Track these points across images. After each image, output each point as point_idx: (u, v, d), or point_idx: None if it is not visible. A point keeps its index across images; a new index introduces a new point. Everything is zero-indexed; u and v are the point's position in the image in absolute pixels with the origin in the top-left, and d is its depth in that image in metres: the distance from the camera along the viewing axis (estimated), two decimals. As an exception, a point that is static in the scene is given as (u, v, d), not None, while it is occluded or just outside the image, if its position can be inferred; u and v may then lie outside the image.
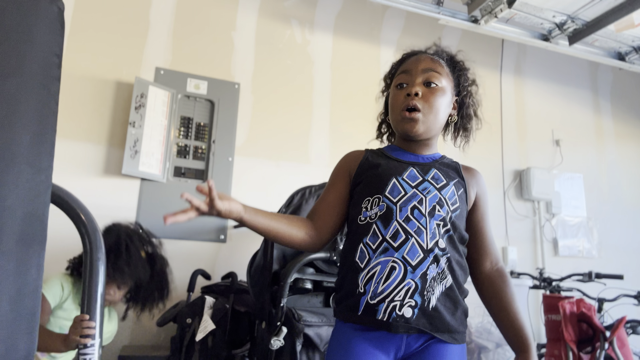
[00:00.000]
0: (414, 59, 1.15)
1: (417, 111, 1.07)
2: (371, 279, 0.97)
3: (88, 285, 1.09)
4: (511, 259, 3.10)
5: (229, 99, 2.66)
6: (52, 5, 0.64)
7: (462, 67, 1.20)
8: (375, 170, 1.09)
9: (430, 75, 1.10)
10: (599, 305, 2.38)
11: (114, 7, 2.56)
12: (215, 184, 2.57)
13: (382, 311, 0.94)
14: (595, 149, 3.67)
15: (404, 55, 1.22)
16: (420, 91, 1.08)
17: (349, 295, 1.00)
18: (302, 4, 3.00)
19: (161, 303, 1.85)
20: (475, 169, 1.18)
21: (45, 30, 0.63)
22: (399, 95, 1.11)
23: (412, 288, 0.95)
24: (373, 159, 1.13)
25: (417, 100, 1.07)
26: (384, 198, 1.03)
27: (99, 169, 2.34)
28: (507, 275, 1.10)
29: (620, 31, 2.68)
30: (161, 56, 2.60)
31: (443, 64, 1.15)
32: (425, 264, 0.97)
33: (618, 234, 3.52)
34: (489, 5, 2.45)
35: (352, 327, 0.99)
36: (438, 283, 0.97)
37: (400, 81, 1.13)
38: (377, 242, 1.00)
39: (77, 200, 1.09)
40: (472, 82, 1.22)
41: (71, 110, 2.36)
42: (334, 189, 1.14)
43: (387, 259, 0.97)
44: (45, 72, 0.64)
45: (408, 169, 1.07)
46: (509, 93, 3.47)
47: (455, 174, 1.12)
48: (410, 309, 0.94)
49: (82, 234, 1.09)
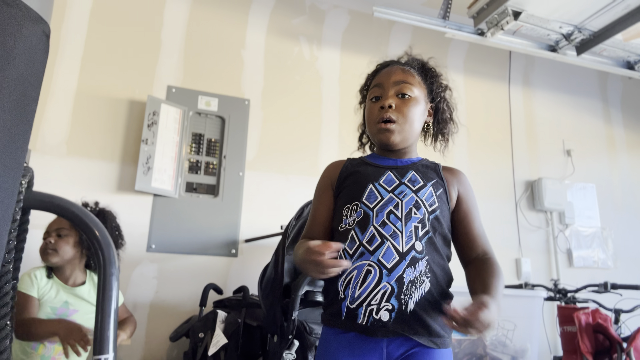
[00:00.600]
0: (386, 71, 1.18)
1: (392, 122, 1.09)
2: (349, 284, 0.99)
3: (102, 301, 1.11)
4: (525, 270, 3.06)
5: (239, 115, 2.70)
6: (35, 27, 0.65)
7: (434, 74, 1.22)
8: (354, 177, 1.11)
9: (402, 87, 1.12)
10: (615, 316, 2.34)
11: (126, 28, 2.63)
12: (226, 199, 2.60)
13: (362, 315, 0.96)
14: (607, 159, 3.63)
15: (377, 66, 1.25)
16: (394, 103, 1.10)
17: (332, 301, 1.02)
18: (309, 21, 3.05)
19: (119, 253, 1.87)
20: (456, 168, 1.18)
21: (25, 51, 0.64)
22: (373, 108, 1.14)
23: (388, 291, 0.95)
24: (352, 167, 1.15)
25: (391, 112, 1.10)
26: (361, 204, 1.04)
27: (113, 185, 2.39)
28: (495, 262, 1.06)
29: (629, 40, 2.67)
30: (173, 75, 2.65)
31: (414, 73, 1.17)
32: (401, 267, 0.97)
33: (633, 243, 3.47)
34: (495, 18, 2.47)
35: (336, 332, 1.01)
36: (417, 287, 0.97)
37: (374, 94, 1.16)
38: (354, 248, 1.01)
39: (90, 216, 1.11)
40: (445, 88, 1.24)
41: (86, 129, 2.41)
42: (322, 206, 1.15)
43: (362, 263, 0.99)
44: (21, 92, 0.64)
45: (385, 174, 1.09)
46: (518, 104, 3.47)
47: (434, 175, 1.12)
48: (387, 313, 0.95)
49: (95, 249, 1.11)
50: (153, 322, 2.30)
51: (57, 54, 2.45)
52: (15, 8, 0.62)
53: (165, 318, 2.31)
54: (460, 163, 3.17)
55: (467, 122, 3.28)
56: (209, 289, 2.16)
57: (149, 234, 2.38)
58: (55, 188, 1.83)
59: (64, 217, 1.15)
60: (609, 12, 2.44)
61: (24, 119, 0.64)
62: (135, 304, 2.28)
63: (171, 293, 2.36)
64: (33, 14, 0.64)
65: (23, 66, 0.63)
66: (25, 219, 0.83)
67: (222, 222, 2.52)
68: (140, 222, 2.38)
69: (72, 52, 2.49)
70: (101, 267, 1.11)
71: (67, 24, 2.51)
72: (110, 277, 1.12)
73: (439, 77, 1.23)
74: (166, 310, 2.33)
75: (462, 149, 3.20)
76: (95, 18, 2.57)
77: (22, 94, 0.63)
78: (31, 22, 0.64)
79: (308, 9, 3.07)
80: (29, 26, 0.63)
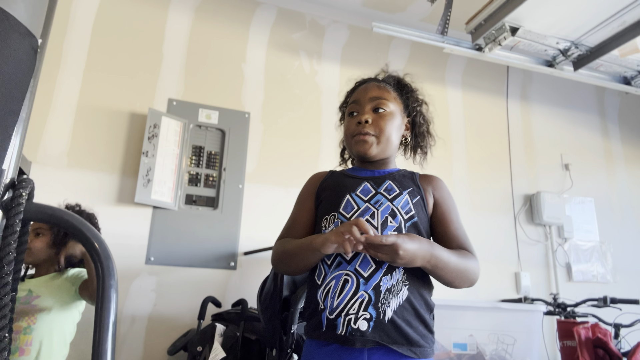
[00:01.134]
0: (363, 88, 1.23)
1: (368, 135, 1.13)
2: (328, 294, 1.00)
3: (100, 313, 1.11)
4: (524, 284, 3.05)
5: (240, 127, 2.72)
6: (23, 41, 0.66)
7: (409, 89, 1.26)
8: (333, 189, 1.14)
9: (378, 102, 1.17)
10: (615, 331, 2.33)
11: (128, 42, 2.66)
12: (226, 211, 2.61)
13: (341, 325, 0.96)
14: (606, 173, 3.65)
15: (355, 84, 1.30)
16: (370, 118, 1.14)
17: (313, 313, 1.03)
18: (309, 36, 3.09)
19: None
20: (433, 175, 1.21)
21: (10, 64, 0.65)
22: (350, 124, 1.19)
23: (365, 300, 0.96)
24: (332, 179, 1.19)
25: (367, 127, 1.14)
26: (338, 215, 1.07)
27: (113, 197, 2.39)
28: (469, 253, 1.09)
29: (625, 56, 2.70)
30: (174, 88, 2.68)
31: (390, 89, 1.21)
32: (377, 276, 0.98)
33: (633, 258, 3.46)
34: (493, 34, 2.50)
35: (318, 344, 1.01)
36: (394, 295, 0.98)
37: (352, 110, 1.20)
38: (332, 257, 1.03)
39: (90, 228, 1.12)
40: (421, 102, 1.27)
41: (86, 141, 2.43)
42: (304, 210, 1.18)
43: (340, 272, 1.00)
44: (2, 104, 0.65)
45: (362, 184, 1.12)
46: (516, 118, 3.50)
47: (411, 183, 1.14)
48: (366, 322, 0.95)
49: (94, 261, 1.11)
50: (151, 336, 2.28)
51: (59, 66, 2.48)
52: (5, 22, 0.63)
53: (163, 331, 2.30)
54: (459, 177, 3.18)
55: (465, 136, 3.30)
56: (207, 302, 2.15)
57: (148, 247, 2.38)
58: (56, 199, 1.84)
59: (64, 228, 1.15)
60: (605, 29, 2.47)
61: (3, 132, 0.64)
62: (133, 316, 2.27)
63: (169, 306, 2.35)
64: (22, 28, 0.65)
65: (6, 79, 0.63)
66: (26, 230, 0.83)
67: (221, 234, 2.52)
68: (139, 234, 2.38)
69: (74, 65, 2.51)
70: (100, 279, 1.11)
71: (69, 37, 2.54)
72: (109, 289, 1.12)
73: (415, 92, 1.27)
74: (164, 323, 2.32)
75: (460, 163, 3.21)
76: (97, 32, 2.61)
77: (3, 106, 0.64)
78: (19, 36, 0.65)
79: (308, 24, 3.11)
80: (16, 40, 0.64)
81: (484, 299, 2.95)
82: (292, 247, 1.08)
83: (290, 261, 1.09)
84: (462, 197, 3.13)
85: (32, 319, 1.57)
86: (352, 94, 1.27)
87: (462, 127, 3.31)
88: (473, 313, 2.39)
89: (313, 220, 1.16)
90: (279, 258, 1.13)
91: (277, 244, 1.16)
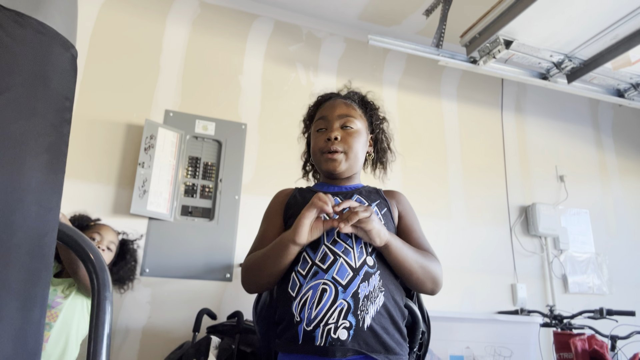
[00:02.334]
0: (330, 104, 1.26)
1: (338, 153, 1.17)
2: (304, 305, 0.99)
3: (95, 325, 1.10)
4: (521, 296, 3.05)
5: (236, 139, 2.73)
6: (66, 52, 0.68)
7: (372, 107, 1.32)
8: (299, 205, 1.14)
9: (346, 120, 1.21)
10: (612, 343, 2.33)
11: (126, 54, 2.67)
12: (222, 222, 2.60)
13: (319, 336, 0.95)
14: (600, 185, 3.67)
15: (319, 98, 1.34)
16: (339, 135, 1.18)
17: (287, 326, 1.01)
18: (306, 48, 3.11)
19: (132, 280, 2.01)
20: (396, 190, 1.26)
21: (58, 75, 0.67)
22: (319, 140, 1.22)
23: (344, 308, 0.96)
24: (301, 196, 1.21)
25: (336, 144, 1.17)
26: None
27: (108, 208, 2.38)
28: (431, 254, 1.12)
29: (618, 69, 2.74)
30: (171, 99, 2.68)
31: (356, 107, 1.26)
32: (355, 283, 0.99)
33: (628, 269, 3.47)
34: (487, 47, 2.53)
35: (294, 358, 0.99)
36: (372, 302, 0.98)
37: (320, 126, 1.24)
38: (307, 268, 1.03)
39: (85, 239, 1.11)
40: (383, 119, 1.34)
41: (83, 152, 2.43)
42: (272, 226, 1.19)
43: (317, 282, 1.00)
44: (57, 115, 0.68)
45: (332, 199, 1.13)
46: (510, 130, 3.52)
47: (377, 196, 1.19)
48: (346, 331, 0.95)
49: (89, 272, 1.10)
50: (145, 348, 2.26)
51: (57, 78, 2.48)
52: (47, 35, 0.65)
53: (158, 344, 2.27)
54: (454, 188, 3.19)
55: (461, 148, 3.31)
56: (202, 314, 2.14)
57: (143, 258, 2.36)
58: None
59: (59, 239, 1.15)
60: (598, 42, 2.50)
61: (62, 141, 0.67)
62: (127, 329, 2.25)
63: (164, 318, 2.33)
64: (62, 39, 0.67)
65: (57, 89, 0.66)
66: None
67: (217, 245, 2.51)
68: (134, 246, 2.37)
69: (72, 76, 2.52)
70: (95, 290, 1.11)
71: (67, 49, 2.55)
72: (104, 301, 1.11)
73: (377, 109, 1.33)
74: (159, 336, 2.30)
75: (456, 175, 3.23)
76: (95, 43, 2.62)
77: (59, 117, 0.67)
78: (61, 47, 0.67)
79: (305, 37, 3.14)
80: (59, 51, 0.66)
81: (480, 310, 2.94)
82: (261, 254, 1.08)
83: (260, 270, 1.07)
84: (458, 209, 3.14)
85: (53, 317, 1.61)
86: (317, 109, 1.30)
87: (457, 139, 3.33)
88: (469, 325, 2.38)
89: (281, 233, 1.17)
90: (247, 270, 1.11)
91: (244, 261, 1.16)
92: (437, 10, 2.91)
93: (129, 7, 2.75)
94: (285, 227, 1.17)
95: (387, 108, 1.39)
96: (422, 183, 3.11)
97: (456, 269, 2.95)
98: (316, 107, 1.33)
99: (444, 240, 3.01)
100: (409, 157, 3.11)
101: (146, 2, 2.80)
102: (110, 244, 1.85)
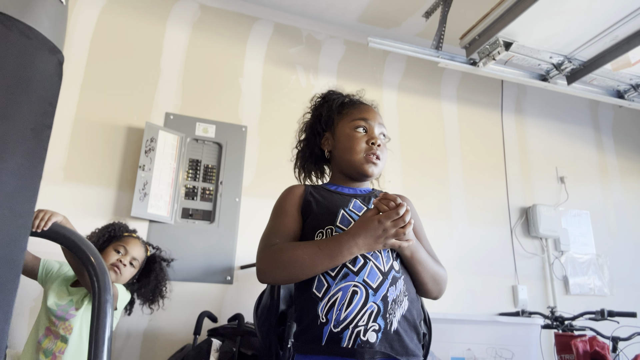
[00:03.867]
0: (369, 109, 1.28)
1: (379, 159, 1.21)
2: (333, 307, 0.98)
3: (96, 327, 1.09)
4: (522, 298, 3.04)
5: (237, 141, 2.73)
6: (52, 56, 0.68)
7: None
8: (321, 203, 1.14)
9: (384, 129, 1.26)
10: (613, 344, 2.33)
11: (126, 57, 2.67)
12: (222, 225, 2.59)
13: (347, 338, 0.95)
14: (601, 186, 3.67)
15: (355, 99, 1.34)
16: (381, 142, 1.22)
17: (309, 327, 1.00)
18: (306, 50, 3.12)
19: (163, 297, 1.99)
20: (402, 195, 1.26)
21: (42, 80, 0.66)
22: (360, 140, 1.21)
23: (374, 311, 0.97)
24: (318, 194, 1.19)
25: (378, 150, 1.21)
26: (336, 229, 1.08)
27: (109, 211, 2.38)
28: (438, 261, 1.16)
29: (617, 70, 2.74)
30: (171, 102, 2.69)
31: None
32: (385, 286, 1.00)
33: (629, 270, 3.47)
34: (487, 49, 2.53)
35: (315, 359, 0.98)
36: (398, 306, 1.00)
37: (360, 126, 1.23)
38: (337, 269, 1.02)
39: (86, 242, 1.11)
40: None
41: (83, 155, 2.43)
42: (291, 219, 1.15)
43: (348, 284, 1.00)
44: (38, 119, 0.66)
45: (352, 201, 1.15)
46: (511, 132, 3.52)
47: None
48: (375, 333, 0.96)
49: (90, 275, 1.10)
50: (146, 351, 2.26)
51: (57, 81, 2.48)
52: (34, 39, 0.65)
53: (158, 347, 2.27)
54: (455, 190, 3.19)
55: (461, 150, 3.32)
56: (203, 317, 2.14)
57: (143, 261, 2.36)
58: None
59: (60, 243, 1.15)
60: (597, 43, 2.50)
61: (41, 146, 0.66)
62: (128, 332, 2.25)
63: (165, 321, 2.33)
64: (49, 44, 0.67)
65: (40, 95, 0.65)
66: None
67: (218, 248, 2.51)
68: (135, 249, 2.37)
69: (72, 79, 2.52)
70: (96, 293, 1.10)
71: (67, 51, 2.55)
72: (105, 304, 1.11)
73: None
74: (160, 339, 2.29)
75: (456, 177, 3.23)
76: (95, 46, 2.62)
77: (40, 121, 0.66)
78: (47, 51, 0.67)
79: (305, 39, 3.14)
80: (46, 56, 0.66)
81: (481, 312, 2.94)
82: (309, 249, 1.02)
83: (294, 267, 1.02)
84: (458, 210, 3.14)
85: (67, 330, 1.62)
86: (352, 108, 1.28)
87: (457, 140, 3.33)
88: (471, 327, 2.38)
89: (300, 231, 1.14)
90: (278, 262, 1.06)
91: (270, 251, 1.10)
92: (436, 12, 2.91)
93: (129, 10, 2.76)
94: (304, 223, 1.14)
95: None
96: (423, 184, 3.11)
97: (457, 271, 2.95)
98: (350, 105, 1.30)
99: (444, 242, 3.01)
100: (410, 159, 3.11)
101: (146, 5, 2.80)
102: (134, 260, 1.83)
